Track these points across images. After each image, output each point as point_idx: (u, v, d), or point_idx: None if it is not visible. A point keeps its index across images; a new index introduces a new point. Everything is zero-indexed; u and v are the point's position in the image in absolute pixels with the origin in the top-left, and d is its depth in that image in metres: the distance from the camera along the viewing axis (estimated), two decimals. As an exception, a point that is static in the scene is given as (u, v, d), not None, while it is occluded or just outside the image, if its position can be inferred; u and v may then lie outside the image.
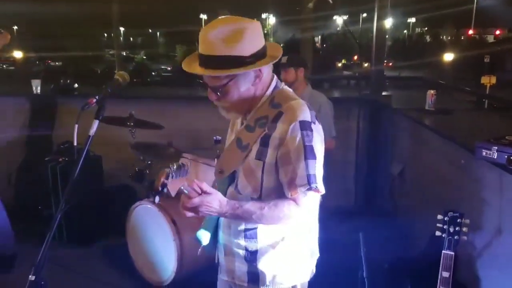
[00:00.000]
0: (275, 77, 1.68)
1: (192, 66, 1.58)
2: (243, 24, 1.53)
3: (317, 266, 1.88)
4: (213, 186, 1.65)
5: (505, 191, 2.59)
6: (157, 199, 1.55)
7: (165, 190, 1.53)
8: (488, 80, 4.94)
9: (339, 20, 32.51)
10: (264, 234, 1.66)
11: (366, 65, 5.83)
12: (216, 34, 1.51)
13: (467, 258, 2.77)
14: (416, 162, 3.93)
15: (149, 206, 3.24)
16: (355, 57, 20.52)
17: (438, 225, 2.10)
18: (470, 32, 33.87)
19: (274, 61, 1.61)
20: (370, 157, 4.69)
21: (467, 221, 2.07)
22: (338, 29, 30.80)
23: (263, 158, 1.57)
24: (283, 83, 1.71)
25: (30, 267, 1.54)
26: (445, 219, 2.09)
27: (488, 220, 2.71)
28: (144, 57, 23.17)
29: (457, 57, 18.02)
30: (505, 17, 30.53)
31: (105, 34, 25.27)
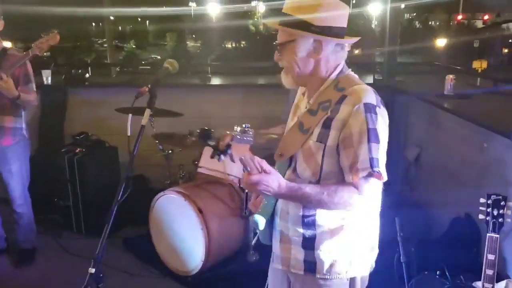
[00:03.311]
0: (343, 62, 1.66)
1: (271, 21, 1.70)
2: (325, 1, 1.57)
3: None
4: None
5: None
6: (222, 157, 1.63)
7: (229, 151, 1.58)
8: (480, 65, 4.93)
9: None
10: (323, 221, 1.63)
11: (356, 52, 5.83)
12: None
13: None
14: (434, 146, 3.93)
15: (173, 196, 3.22)
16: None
17: (481, 208, 2.11)
18: (459, 17, 33.87)
19: (339, 41, 1.60)
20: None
21: (511, 203, 2.08)
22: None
23: (324, 141, 1.56)
24: (349, 69, 1.68)
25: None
26: (488, 202, 2.10)
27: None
28: (134, 46, 22.83)
29: (448, 42, 18.11)
30: (492, 2, 30.61)
31: (93, 24, 24.81)
